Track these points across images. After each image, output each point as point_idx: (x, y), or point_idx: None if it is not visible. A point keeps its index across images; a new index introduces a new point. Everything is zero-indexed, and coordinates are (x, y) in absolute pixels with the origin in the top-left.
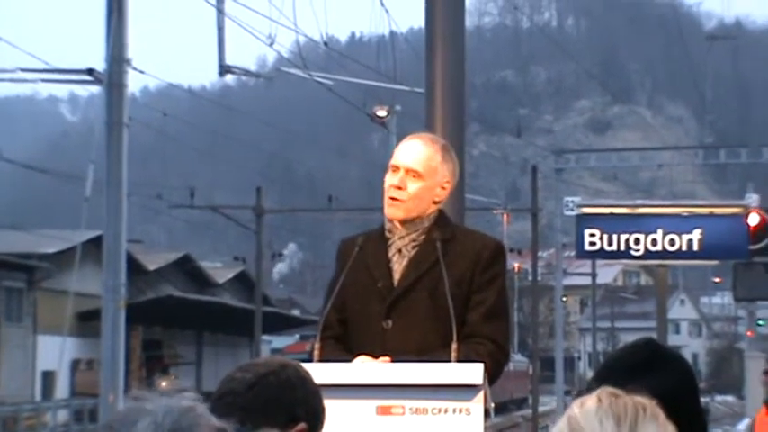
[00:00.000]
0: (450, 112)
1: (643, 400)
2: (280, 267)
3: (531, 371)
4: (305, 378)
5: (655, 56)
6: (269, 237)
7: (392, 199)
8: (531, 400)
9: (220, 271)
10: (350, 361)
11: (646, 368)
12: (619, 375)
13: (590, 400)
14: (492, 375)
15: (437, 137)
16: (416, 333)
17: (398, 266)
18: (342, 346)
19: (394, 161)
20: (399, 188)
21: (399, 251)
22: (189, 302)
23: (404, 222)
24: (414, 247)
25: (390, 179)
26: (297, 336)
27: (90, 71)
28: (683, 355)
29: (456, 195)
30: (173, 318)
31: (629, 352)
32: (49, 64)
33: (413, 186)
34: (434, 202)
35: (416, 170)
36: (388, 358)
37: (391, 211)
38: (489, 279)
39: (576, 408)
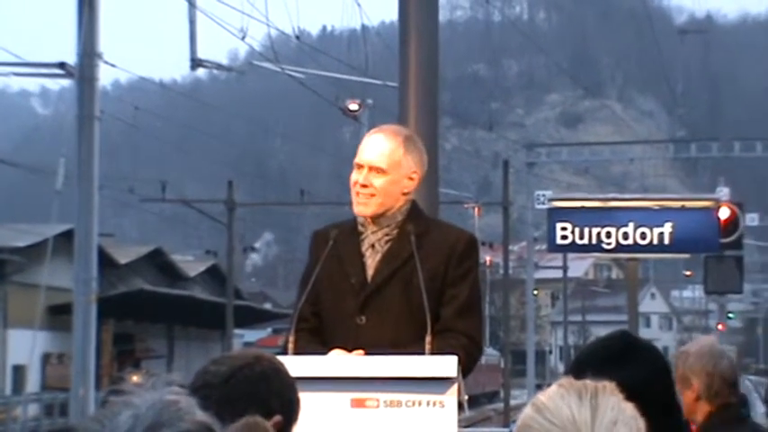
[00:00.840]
0: (424, 106)
1: (602, 381)
2: (255, 260)
3: (502, 364)
4: (280, 370)
5: (625, 50)
6: (241, 230)
7: (358, 196)
8: (502, 394)
9: (192, 264)
10: (324, 354)
11: (618, 360)
12: (591, 367)
13: (552, 386)
14: (466, 369)
15: (401, 128)
16: (390, 329)
17: (372, 261)
18: (317, 339)
19: (357, 159)
20: (365, 186)
21: (372, 246)
22: (160, 296)
23: (374, 218)
24: (387, 242)
25: (355, 177)
26: (269, 329)
27: (61, 65)
28: (657, 348)
29: (429, 189)
30: (144, 311)
31: (602, 344)
32: (20, 57)
33: (378, 182)
34: (404, 194)
35: (379, 166)
36: (362, 352)
37: (360, 209)
38: (463, 273)
39: (539, 395)
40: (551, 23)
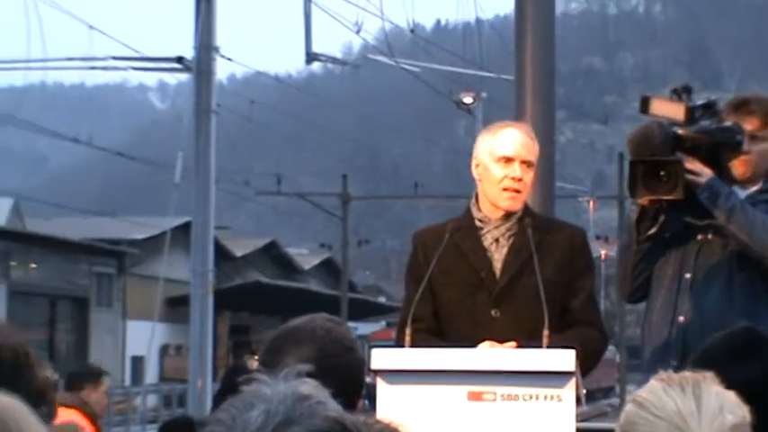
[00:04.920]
0: (540, 100)
1: (702, 372)
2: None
3: (617, 359)
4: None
5: (744, 41)
6: (355, 224)
7: (514, 191)
8: (618, 389)
9: (306, 257)
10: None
11: (741, 356)
12: (714, 362)
13: (651, 381)
14: (597, 360)
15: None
16: (526, 320)
17: (498, 256)
18: (435, 339)
19: (505, 153)
20: (520, 180)
21: (497, 240)
22: (275, 288)
23: (512, 213)
24: (510, 236)
25: (506, 171)
26: (383, 323)
27: (179, 59)
28: None
29: (545, 184)
30: (259, 304)
31: (725, 340)
32: (138, 52)
33: (527, 176)
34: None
35: (531, 160)
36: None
37: (511, 204)
38: (586, 265)
39: (639, 392)
40: (668, 15)
